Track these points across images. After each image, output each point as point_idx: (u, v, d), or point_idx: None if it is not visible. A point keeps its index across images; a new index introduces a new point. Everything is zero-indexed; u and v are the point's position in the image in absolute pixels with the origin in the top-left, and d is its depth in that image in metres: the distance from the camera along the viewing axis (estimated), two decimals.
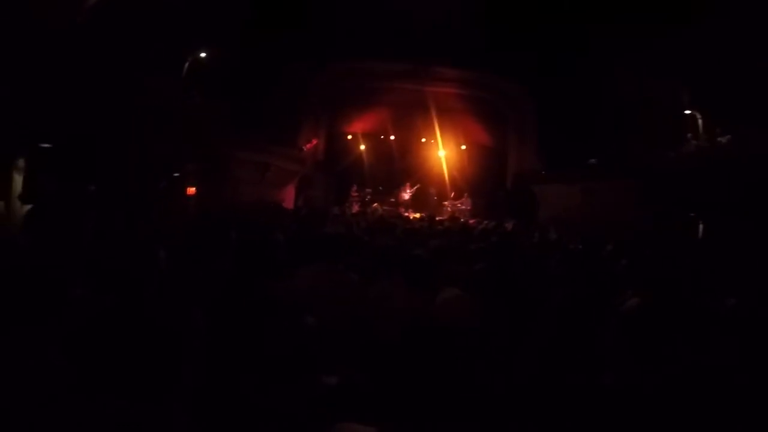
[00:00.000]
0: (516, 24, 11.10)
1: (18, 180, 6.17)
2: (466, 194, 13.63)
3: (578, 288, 2.78)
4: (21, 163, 6.27)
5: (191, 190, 8.92)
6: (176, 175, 8.62)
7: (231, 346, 1.29)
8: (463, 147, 14.41)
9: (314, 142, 13.26)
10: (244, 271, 1.49)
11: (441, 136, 14.38)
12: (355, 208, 12.80)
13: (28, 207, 3.00)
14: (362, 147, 14.74)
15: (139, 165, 7.31)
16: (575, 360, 2.04)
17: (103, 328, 1.21)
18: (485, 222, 7.88)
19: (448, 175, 14.39)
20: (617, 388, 1.53)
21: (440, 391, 1.04)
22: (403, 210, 13.02)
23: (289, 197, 12.14)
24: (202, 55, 9.71)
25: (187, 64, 9.56)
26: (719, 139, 8.69)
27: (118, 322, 1.21)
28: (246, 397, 1.25)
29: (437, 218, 9.59)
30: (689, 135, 9.77)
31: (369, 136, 14.73)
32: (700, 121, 9.70)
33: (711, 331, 1.82)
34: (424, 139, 14.73)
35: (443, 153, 14.62)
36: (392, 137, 14.62)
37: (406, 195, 13.64)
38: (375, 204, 13.26)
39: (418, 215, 11.65)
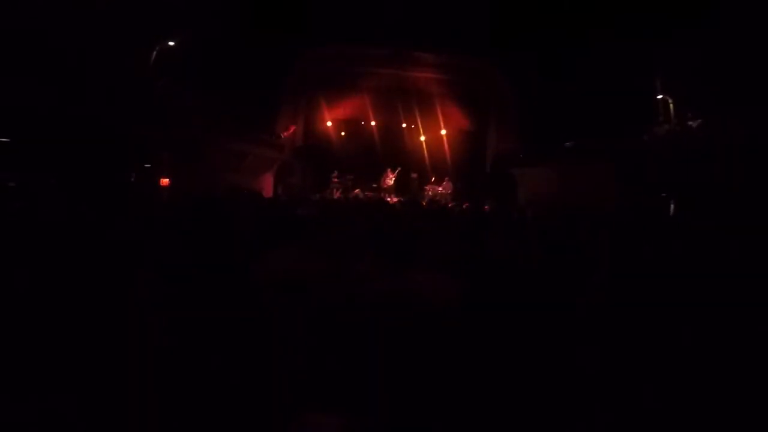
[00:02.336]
0: (494, 9, 11.05)
1: None
2: (447, 178, 13.70)
3: (554, 267, 2.83)
4: None
5: (165, 182, 8.62)
6: (148, 166, 8.32)
7: (197, 331, 1.26)
8: (443, 131, 14.42)
9: (292, 128, 13.02)
10: (209, 256, 1.46)
11: (421, 120, 14.35)
12: (337, 194, 12.72)
13: None
14: (342, 133, 14.56)
15: (105, 156, 7.01)
16: (550, 341, 2.08)
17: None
18: (465, 204, 7.95)
19: (429, 160, 14.42)
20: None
21: (415, 377, 1.03)
22: (385, 195, 13.00)
23: (268, 185, 11.93)
24: (171, 43, 9.30)
25: (155, 52, 9.15)
26: (689, 123, 8.96)
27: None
28: (212, 383, 1.22)
29: (417, 201, 9.61)
30: (661, 119, 10.04)
31: (349, 122, 14.55)
32: (671, 106, 9.96)
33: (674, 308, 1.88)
34: (404, 124, 14.66)
35: (424, 138, 14.61)
36: (373, 123, 14.48)
37: (388, 180, 13.62)
38: (357, 190, 13.19)
39: (398, 200, 11.67)
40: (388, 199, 12.27)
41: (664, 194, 8.87)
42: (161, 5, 8.71)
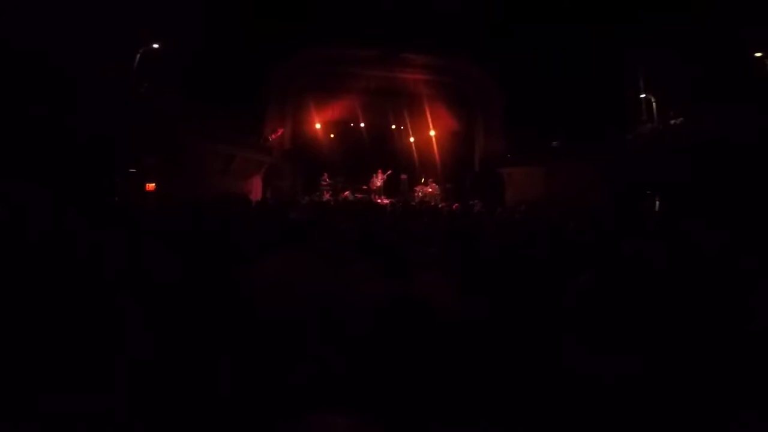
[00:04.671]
0: (481, 11, 11.16)
1: None
2: (434, 178, 13.77)
3: (543, 265, 2.86)
4: None
5: (150, 186, 8.47)
6: (133, 170, 8.16)
7: (195, 335, 1.24)
8: (432, 133, 14.49)
9: (280, 131, 12.92)
10: (204, 260, 1.43)
11: (410, 122, 14.40)
12: (326, 196, 12.66)
13: None
14: (331, 135, 14.52)
15: (90, 161, 6.86)
16: (543, 339, 2.09)
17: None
18: (454, 205, 7.99)
19: (419, 161, 14.47)
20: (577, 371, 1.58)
21: (420, 379, 1.02)
22: (375, 197, 12.99)
23: (256, 188, 11.82)
24: (155, 46, 9.18)
25: (138, 55, 9.01)
26: (672, 121, 9.16)
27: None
28: (217, 385, 1.20)
29: (408, 203, 9.63)
30: (644, 117, 10.26)
31: (338, 124, 14.51)
32: (654, 105, 10.19)
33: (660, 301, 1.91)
34: (393, 126, 14.69)
35: (413, 139, 14.66)
36: (362, 124, 14.47)
37: (378, 182, 13.61)
38: (346, 192, 13.15)
39: (389, 201, 11.68)
40: (378, 200, 12.27)
41: (649, 192, 9.05)
42: (145, 9, 8.58)
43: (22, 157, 6.12)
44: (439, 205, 8.99)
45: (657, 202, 8.82)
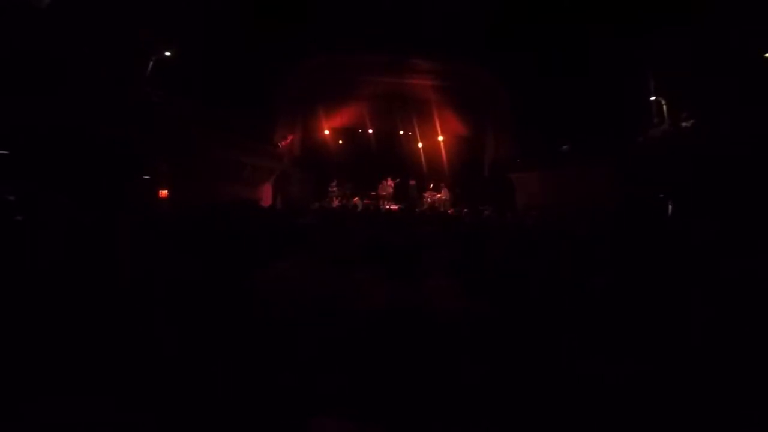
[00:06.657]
0: (488, 14, 11.18)
1: None
2: (443, 184, 13.75)
3: (554, 270, 2.83)
4: None
5: (164, 193, 8.62)
6: (146, 177, 8.32)
7: (200, 338, 1.26)
8: (441, 138, 14.50)
9: (290, 138, 13.07)
10: (214, 265, 1.46)
11: (419, 127, 14.44)
12: (336, 203, 12.73)
13: None
14: (340, 141, 14.63)
15: (104, 168, 7.01)
16: (553, 343, 2.07)
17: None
18: (464, 210, 7.96)
19: (427, 166, 14.48)
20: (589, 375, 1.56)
21: (423, 384, 1.02)
22: (384, 203, 13.02)
23: (267, 195, 11.94)
24: (167, 53, 9.38)
25: (151, 63, 9.22)
26: (684, 123, 9.02)
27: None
28: (222, 387, 1.22)
29: (417, 209, 9.63)
30: (656, 120, 10.12)
31: (347, 131, 14.63)
32: (665, 107, 10.05)
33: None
34: (402, 132, 14.75)
35: (421, 144, 14.69)
36: (370, 131, 14.55)
37: (387, 188, 13.64)
38: (355, 198, 13.20)
39: (397, 207, 11.69)
40: (388, 206, 12.29)
41: (662, 195, 8.90)
42: (158, 18, 8.79)
43: (36, 163, 6.27)
44: (449, 211, 8.97)
45: (670, 206, 8.67)
